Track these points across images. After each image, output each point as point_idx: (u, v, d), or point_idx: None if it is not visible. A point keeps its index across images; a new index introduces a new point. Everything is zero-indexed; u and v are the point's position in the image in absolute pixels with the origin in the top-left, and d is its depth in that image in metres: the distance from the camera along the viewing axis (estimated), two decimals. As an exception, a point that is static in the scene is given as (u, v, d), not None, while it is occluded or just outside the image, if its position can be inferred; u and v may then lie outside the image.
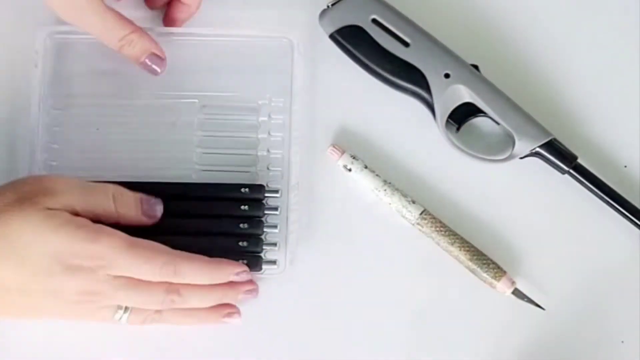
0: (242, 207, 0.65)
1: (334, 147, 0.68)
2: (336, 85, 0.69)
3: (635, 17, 0.71)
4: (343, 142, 0.68)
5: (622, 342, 0.66)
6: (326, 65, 0.69)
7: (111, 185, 0.62)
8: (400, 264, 0.67)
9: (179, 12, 0.68)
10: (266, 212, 0.66)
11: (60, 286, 0.58)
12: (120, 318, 0.61)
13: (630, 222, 0.66)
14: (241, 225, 0.65)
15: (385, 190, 0.67)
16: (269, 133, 0.68)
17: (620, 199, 0.66)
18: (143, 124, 0.68)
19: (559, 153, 0.66)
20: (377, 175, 0.67)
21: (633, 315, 0.66)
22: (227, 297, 0.64)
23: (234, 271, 0.63)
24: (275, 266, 0.66)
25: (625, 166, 0.68)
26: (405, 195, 0.67)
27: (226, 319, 0.64)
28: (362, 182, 0.67)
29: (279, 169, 0.67)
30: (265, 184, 0.66)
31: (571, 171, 0.66)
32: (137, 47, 0.65)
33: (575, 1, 0.71)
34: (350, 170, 0.68)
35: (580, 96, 0.69)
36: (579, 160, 0.67)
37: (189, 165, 0.67)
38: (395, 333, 0.66)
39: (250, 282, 0.64)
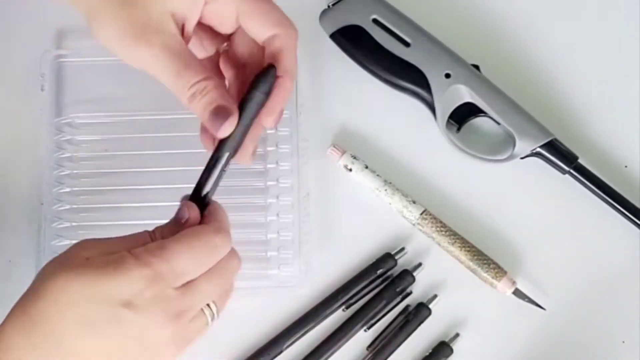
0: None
1: (334, 147, 0.68)
2: (336, 85, 0.69)
3: (635, 18, 0.71)
4: (343, 142, 0.68)
5: (623, 342, 0.66)
6: (327, 66, 0.69)
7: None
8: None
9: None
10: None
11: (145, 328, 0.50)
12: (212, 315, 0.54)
13: (631, 222, 0.66)
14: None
15: (385, 190, 0.67)
16: (276, 145, 0.67)
17: (621, 199, 0.66)
18: (147, 142, 0.67)
19: (559, 153, 0.66)
20: (377, 175, 0.67)
21: (633, 315, 0.66)
22: None
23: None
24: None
25: (626, 166, 0.68)
26: (405, 195, 0.67)
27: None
28: (363, 182, 0.67)
29: (289, 181, 0.67)
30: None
31: (572, 171, 0.66)
32: (207, 97, 0.53)
33: (576, 1, 0.71)
34: (350, 170, 0.67)
35: (581, 96, 0.69)
36: (580, 160, 0.66)
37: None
38: (395, 333, 0.66)
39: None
